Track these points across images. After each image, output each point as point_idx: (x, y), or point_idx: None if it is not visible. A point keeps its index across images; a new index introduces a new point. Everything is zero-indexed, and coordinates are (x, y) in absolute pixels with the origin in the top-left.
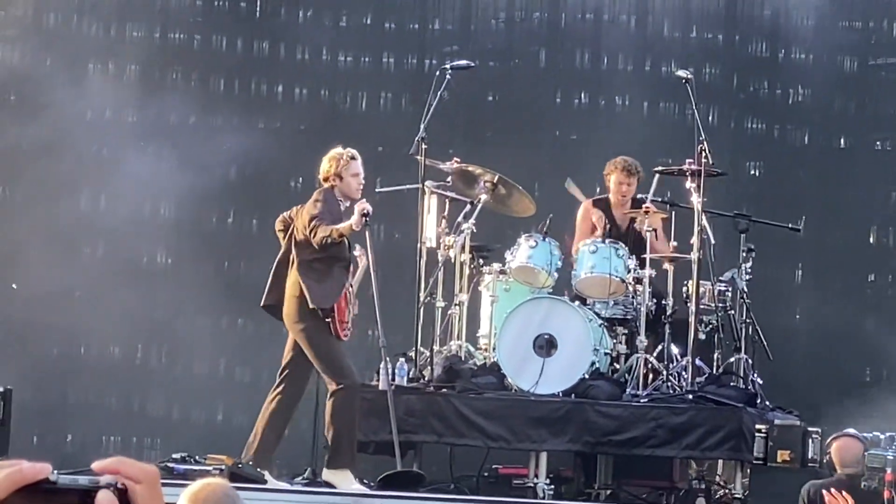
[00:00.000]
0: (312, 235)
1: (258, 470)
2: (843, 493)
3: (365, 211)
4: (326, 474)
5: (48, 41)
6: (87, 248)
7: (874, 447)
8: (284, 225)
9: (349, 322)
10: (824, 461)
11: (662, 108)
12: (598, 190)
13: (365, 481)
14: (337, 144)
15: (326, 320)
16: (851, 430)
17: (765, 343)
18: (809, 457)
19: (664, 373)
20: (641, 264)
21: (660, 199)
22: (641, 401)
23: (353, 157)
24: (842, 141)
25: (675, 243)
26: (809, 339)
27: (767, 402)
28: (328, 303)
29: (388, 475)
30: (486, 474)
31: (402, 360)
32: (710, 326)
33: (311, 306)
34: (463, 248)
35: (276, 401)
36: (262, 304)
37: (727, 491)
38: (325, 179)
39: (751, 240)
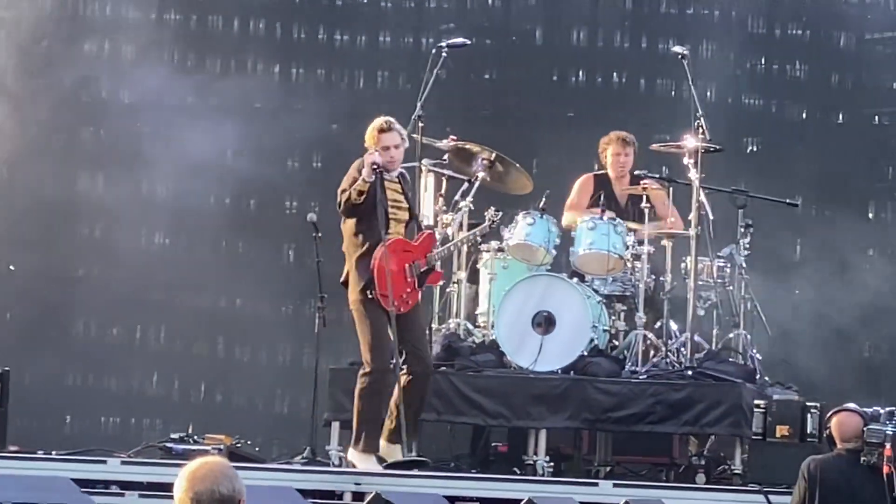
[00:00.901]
0: (338, 206)
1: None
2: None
3: (372, 162)
4: (350, 454)
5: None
6: (86, 228)
7: (874, 422)
8: None
9: (406, 293)
10: (824, 436)
11: (659, 85)
12: (595, 167)
13: None
14: (378, 115)
15: (369, 295)
16: (851, 405)
17: (763, 319)
18: (808, 432)
19: (663, 349)
20: (640, 240)
21: (657, 176)
22: (640, 377)
23: (381, 130)
24: (839, 116)
25: (672, 219)
26: (808, 314)
27: (766, 378)
28: (364, 275)
29: (392, 463)
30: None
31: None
32: (709, 302)
33: (357, 281)
34: (461, 225)
35: (405, 379)
36: (341, 280)
37: (726, 466)
38: (366, 150)
39: (749, 215)
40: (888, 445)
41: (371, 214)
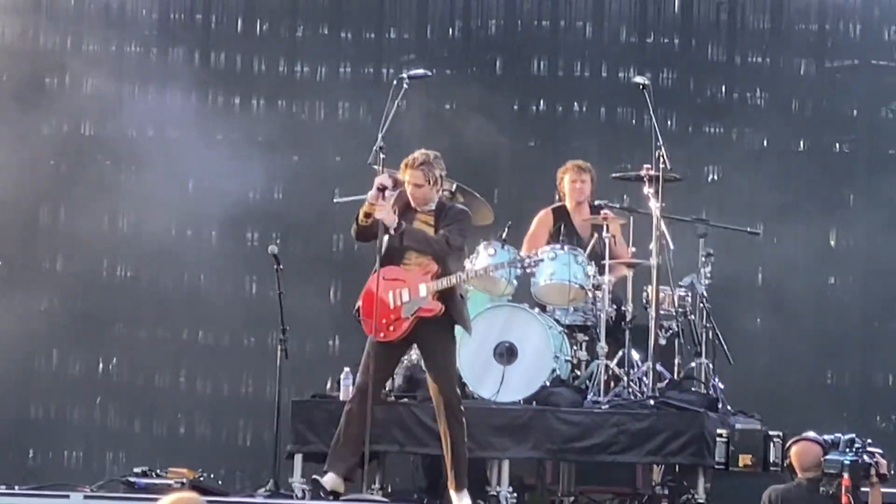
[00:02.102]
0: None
1: None
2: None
3: (380, 184)
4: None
5: None
6: (46, 260)
7: (833, 450)
8: None
9: (389, 320)
10: (785, 465)
11: (620, 114)
12: (556, 198)
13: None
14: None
15: (355, 316)
16: (811, 434)
17: (725, 348)
18: (771, 461)
19: (625, 379)
20: (601, 271)
21: (618, 206)
22: (603, 407)
23: (406, 165)
24: (800, 144)
25: (633, 249)
26: (770, 342)
27: (729, 407)
28: (358, 302)
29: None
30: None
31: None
32: (671, 332)
33: None
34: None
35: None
36: None
37: (690, 496)
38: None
39: (710, 244)
40: (846, 475)
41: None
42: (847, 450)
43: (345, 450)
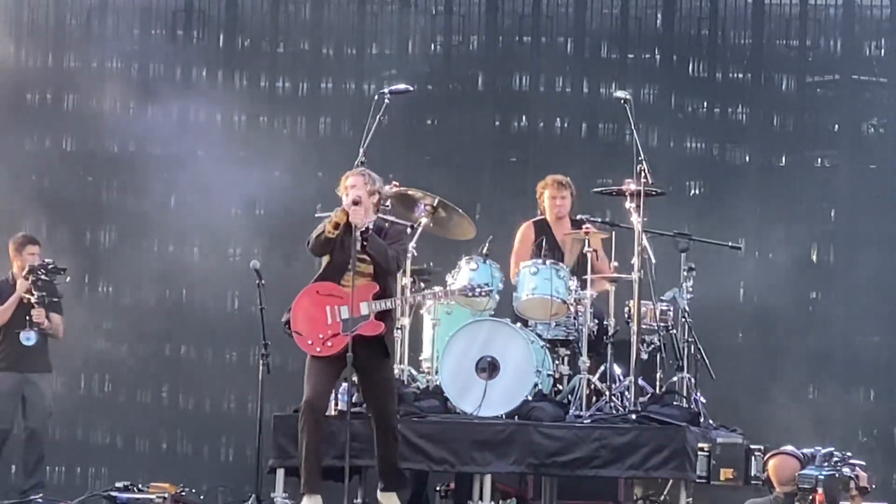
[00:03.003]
0: (307, 244)
1: None
2: None
3: (356, 197)
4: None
5: None
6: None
7: (810, 464)
8: None
9: (326, 335)
10: (763, 479)
11: (601, 129)
12: (538, 213)
13: None
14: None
15: (285, 330)
16: (788, 448)
17: (707, 362)
18: (752, 474)
19: (607, 393)
20: (583, 285)
21: (600, 220)
22: (585, 421)
23: (346, 176)
24: (782, 158)
25: (615, 263)
26: (752, 356)
27: (711, 421)
28: (286, 315)
29: None
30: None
31: (344, 384)
32: (653, 346)
33: None
34: (404, 271)
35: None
36: None
37: None
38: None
39: (691, 259)
40: (820, 490)
41: (332, 257)
42: (825, 464)
43: (315, 465)
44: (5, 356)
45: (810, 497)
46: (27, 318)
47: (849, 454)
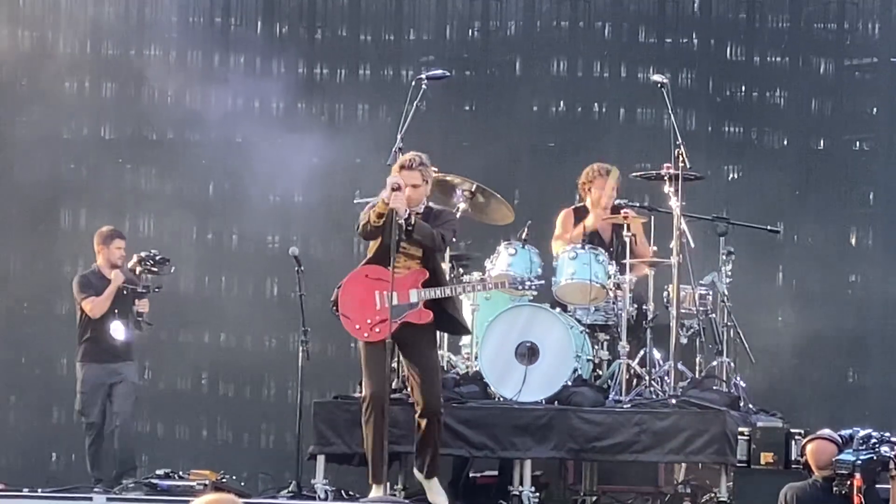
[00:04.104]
0: (356, 228)
1: None
2: None
3: (394, 184)
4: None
5: None
6: (67, 264)
7: (847, 447)
8: None
9: (374, 321)
10: (801, 463)
11: (639, 114)
12: (576, 198)
13: (351, 493)
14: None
15: (333, 311)
16: (826, 432)
17: (746, 346)
18: (793, 458)
19: (646, 378)
20: (622, 270)
21: (638, 205)
22: (624, 406)
23: (402, 167)
24: (819, 142)
25: (654, 248)
26: (791, 340)
27: (750, 405)
28: (333, 295)
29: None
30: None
31: None
32: (692, 330)
33: None
34: (443, 257)
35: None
36: None
37: (712, 494)
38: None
39: (730, 243)
40: (857, 475)
41: (382, 242)
42: (862, 447)
43: (381, 457)
44: (96, 347)
45: (848, 482)
46: (115, 310)
47: (887, 434)
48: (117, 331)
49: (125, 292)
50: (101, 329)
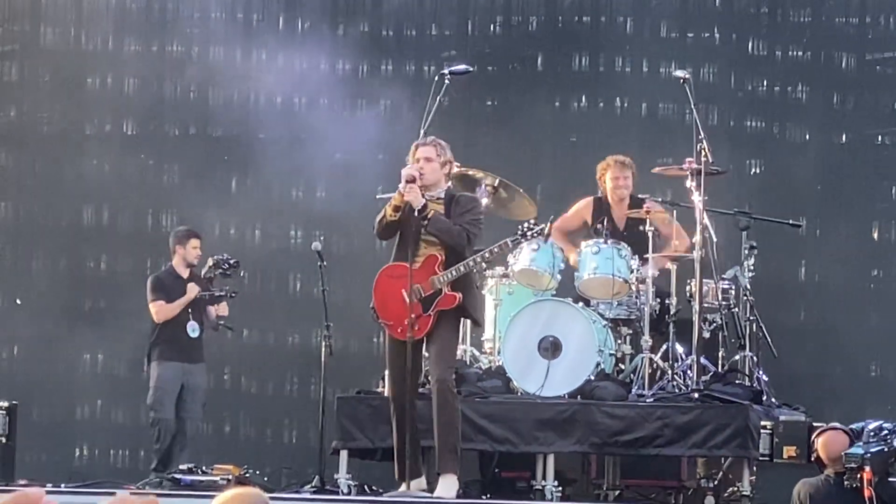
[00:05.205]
0: (374, 230)
1: None
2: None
3: (408, 176)
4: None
5: None
6: (91, 260)
7: (858, 439)
8: None
9: (412, 319)
10: (812, 458)
11: (661, 109)
12: (598, 192)
13: (374, 488)
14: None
15: (375, 319)
16: (836, 423)
17: (769, 340)
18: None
19: (669, 372)
20: (644, 264)
21: (660, 199)
22: (647, 400)
23: (416, 146)
24: (842, 137)
25: (676, 242)
26: (814, 335)
27: (773, 399)
28: (372, 301)
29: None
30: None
31: None
32: (715, 325)
33: None
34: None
35: None
36: None
37: (735, 488)
38: None
39: (752, 237)
40: (867, 468)
41: (401, 236)
42: (872, 439)
43: (402, 456)
44: (171, 347)
45: (858, 475)
46: (189, 311)
47: None
48: (194, 331)
49: (205, 297)
50: (179, 329)
